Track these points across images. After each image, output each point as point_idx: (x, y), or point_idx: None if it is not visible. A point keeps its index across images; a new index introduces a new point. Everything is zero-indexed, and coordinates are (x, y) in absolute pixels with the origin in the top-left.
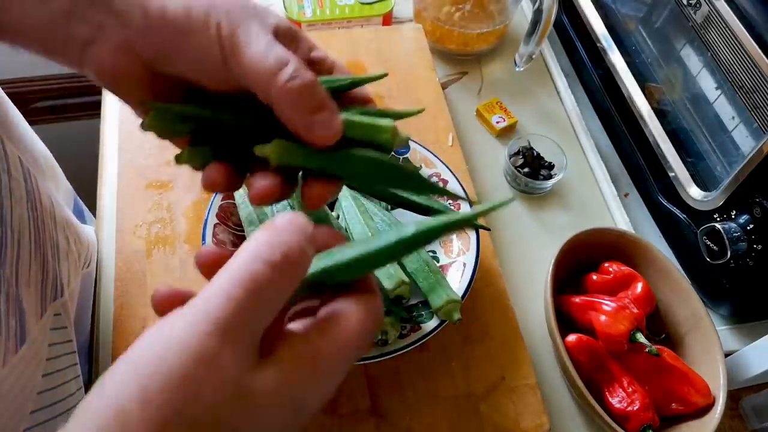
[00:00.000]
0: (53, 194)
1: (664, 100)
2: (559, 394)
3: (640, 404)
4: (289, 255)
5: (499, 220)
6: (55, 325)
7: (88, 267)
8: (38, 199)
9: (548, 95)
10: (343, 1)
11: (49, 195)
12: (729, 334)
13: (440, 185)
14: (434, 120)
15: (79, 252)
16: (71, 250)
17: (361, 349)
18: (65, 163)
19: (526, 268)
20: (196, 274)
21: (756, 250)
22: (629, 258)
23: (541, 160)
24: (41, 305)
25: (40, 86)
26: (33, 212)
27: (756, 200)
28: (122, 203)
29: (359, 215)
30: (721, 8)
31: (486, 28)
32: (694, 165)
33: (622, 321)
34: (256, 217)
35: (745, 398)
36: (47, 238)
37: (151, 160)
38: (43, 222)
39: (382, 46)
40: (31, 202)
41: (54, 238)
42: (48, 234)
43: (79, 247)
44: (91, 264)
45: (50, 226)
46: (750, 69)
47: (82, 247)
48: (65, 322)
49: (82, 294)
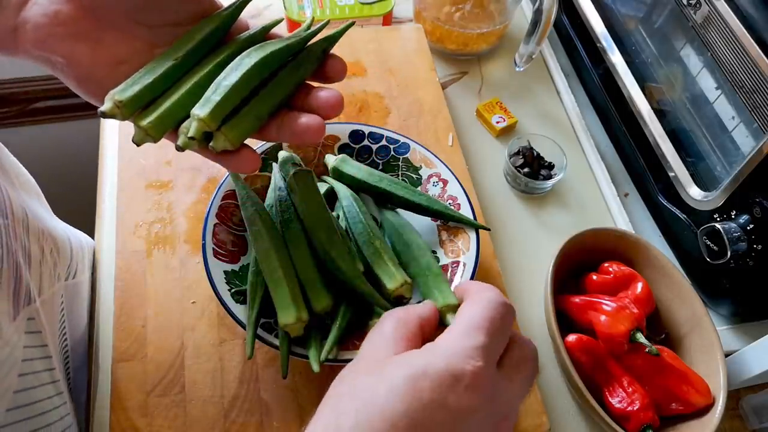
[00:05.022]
0: (29, 205)
1: (664, 100)
2: (559, 394)
3: (640, 404)
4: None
5: (499, 220)
6: (29, 329)
7: (74, 278)
8: (9, 207)
9: (548, 95)
10: (343, 1)
11: (22, 205)
12: (729, 334)
13: (440, 185)
14: (434, 120)
15: (56, 262)
16: (45, 260)
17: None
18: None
19: (526, 269)
20: (196, 273)
21: (756, 250)
22: (629, 258)
23: (541, 160)
24: (14, 307)
25: (40, 86)
26: (4, 219)
27: (756, 200)
28: (122, 203)
29: (360, 215)
30: (721, 8)
31: (486, 28)
32: (694, 165)
33: (622, 321)
34: (258, 218)
35: (745, 398)
36: (19, 246)
37: (151, 160)
38: (14, 230)
39: (382, 46)
40: (1, 210)
41: (26, 246)
42: (20, 241)
43: (56, 257)
44: (78, 275)
45: (22, 234)
46: (750, 69)
47: (62, 257)
48: (39, 327)
49: (72, 303)
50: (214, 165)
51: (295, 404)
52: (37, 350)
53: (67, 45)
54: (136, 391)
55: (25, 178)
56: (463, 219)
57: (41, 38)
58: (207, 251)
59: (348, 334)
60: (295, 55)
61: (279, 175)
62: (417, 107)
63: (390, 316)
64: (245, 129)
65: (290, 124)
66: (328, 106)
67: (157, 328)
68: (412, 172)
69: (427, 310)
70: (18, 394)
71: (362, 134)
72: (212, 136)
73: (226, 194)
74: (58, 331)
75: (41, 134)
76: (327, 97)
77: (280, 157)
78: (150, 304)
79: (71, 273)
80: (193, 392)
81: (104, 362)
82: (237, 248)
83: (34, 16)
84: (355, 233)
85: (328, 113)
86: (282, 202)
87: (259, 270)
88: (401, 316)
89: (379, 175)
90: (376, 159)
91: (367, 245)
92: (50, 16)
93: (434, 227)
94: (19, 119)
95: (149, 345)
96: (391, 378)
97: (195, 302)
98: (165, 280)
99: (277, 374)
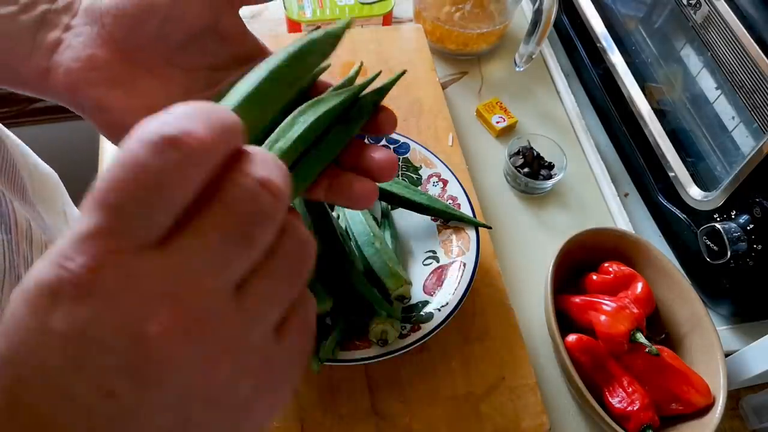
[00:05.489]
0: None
1: (664, 100)
2: (559, 394)
3: (640, 404)
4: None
5: (499, 220)
6: None
7: None
8: (13, 221)
9: (548, 95)
10: (343, 1)
11: (26, 218)
12: (729, 334)
13: (440, 185)
14: (434, 120)
15: None
16: None
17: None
18: (65, 163)
19: (526, 268)
20: None
21: (756, 250)
22: (629, 258)
23: (541, 160)
24: None
25: None
26: (7, 235)
27: (756, 200)
28: None
29: (360, 215)
30: (721, 8)
31: (486, 28)
32: (694, 165)
33: (622, 321)
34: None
35: (745, 398)
36: (21, 260)
37: None
38: (17, 244)
39: (382, 46)
40: (5, 225)
41: (29, 260)
42: (22, 256)
43: None
44: None
45: (25, 249)
46: (750, 69)
47: None
48: None
49: None
50: None
51: (295, 404)
52: None
53: (100, 90)
54: None
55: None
56: (464, 217)
57: (73, 82)
58: None
59: (348, 334)
60: (346, 110)
61: None
62: (417, 107)
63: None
64: (294, 192)
65: (342, 188)
66: (383, 169)
67: None
68: (412, 172)
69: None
70: None
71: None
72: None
73: None
74: None
75: (41, 134)
76: (382, 160)
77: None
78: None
79: None
80: None
81: None
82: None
83: (67, 60)
84: (355, 233)
85: (382, 177)
86: None
87: None
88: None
89: None
90: None
91: (367, 245)
92: (84, 61)
93: (434, 227)
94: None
95: None
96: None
97: None
98: None
99: None
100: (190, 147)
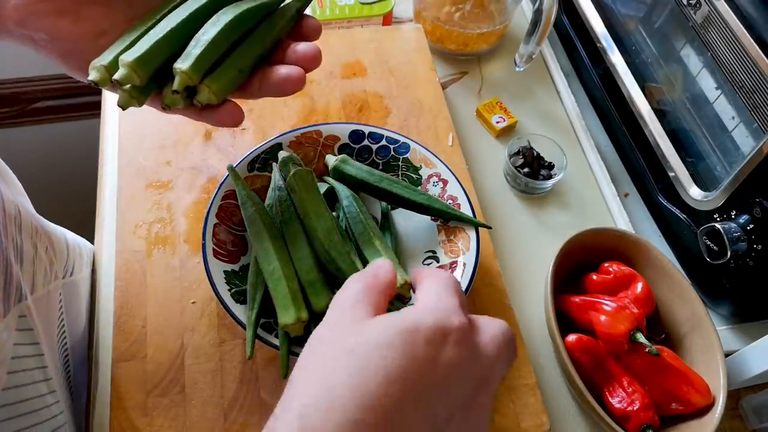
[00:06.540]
0: (23, 204)
1: (664, 100)
2: (559, 394)
3: (640, 404)
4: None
5: (499, 220)
6: (20, 327)
7: (72, 276)
8: (1, 205)
9: (548, 95)
10: (343, 1)
11: (15, 203)
12: (729, 334)
13: (440, 185)
14: (434, 120)
15: (52, 260)
16: (39, 258)
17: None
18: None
19: (526, 268)
20: (196, 274)
21: (756, 250)
22: (629, 258)
23: (541, 160)
24: (4, 304)
25: (40, 86)
26: None
27: (756, 200)
28: (122, 203)
29: (360, 215)
30: (721, 8)
31: (486, 28)
32: (694, 165)
33: (622, 321)
34: (258, 218)
35: (745, 398)
36: (10, 243)
37: (151, 160)
38: (5, 227)
39: (382, 46)
40: None
41: (18, 244)
42: (11, 239)
43: (52, 255)
44: (75, 273)
45: (13, 232)
46: (750, 69)
47: (59, 256)
48: (31, 325)
49: (70, 301)
50: (214, 165)
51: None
52: (29, 348)
53: (48, 21)
54: (136, 391)
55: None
56: (464, 217)
57: (23, 17)
58: (207, 251)
59: None
60: (270, 13)
61: (279, 175)
62: (417, 107)
63: (358, 281)
64: (228, 81)
65: (271, 76)
66: (307, 58)
67: (157, 328)
68: (412, 172)
69: (391, 278)
70: (6, 392)
71: (362, 134)
72: (196, 93)
73: (226, 194)
74: (56, 329)
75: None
76: (305, 50)
77: (280, 157)
78: (150, 305)
79: (68, 271)
80: (193, 392)
81: (104, 362)
82: (237, 248)
83: None
84: (355, 233)
85: (307, 65)
86: (282, 202)
87: (259, 270)
88: (370, 283)
89: (379, 175)
90: (376, 159)
91: (367, 245)
92: None
93: (434, 227)
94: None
95: (149, 345)
96: (382, 336)
97: (195, 302)
98: (165, 280)
99: (277, 374)
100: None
